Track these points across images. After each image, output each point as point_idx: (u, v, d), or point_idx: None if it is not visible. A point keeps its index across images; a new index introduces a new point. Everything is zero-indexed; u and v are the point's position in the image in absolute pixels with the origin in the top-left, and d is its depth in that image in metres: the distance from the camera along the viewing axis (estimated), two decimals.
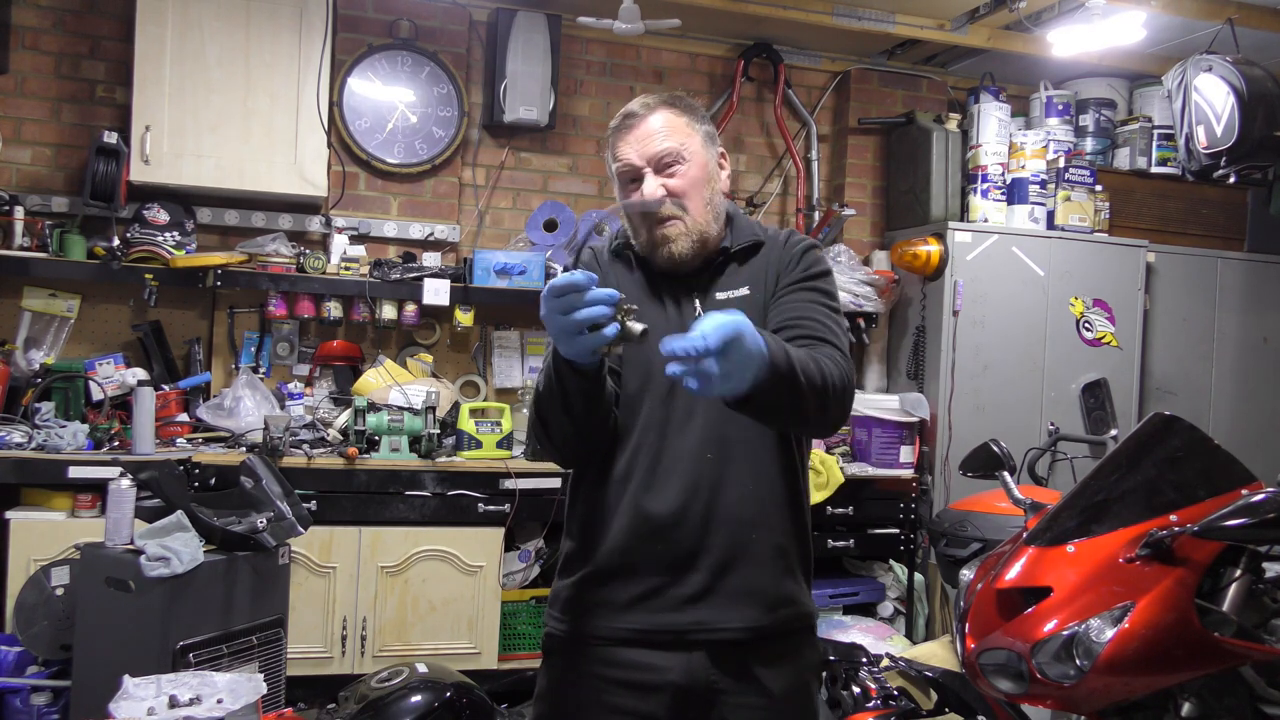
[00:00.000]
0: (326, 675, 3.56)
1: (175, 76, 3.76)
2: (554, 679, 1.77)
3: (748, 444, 1.71)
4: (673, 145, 1.72)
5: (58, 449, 3.42)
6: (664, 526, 1.69)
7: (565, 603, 1.77)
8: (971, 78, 4.89)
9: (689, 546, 1.69)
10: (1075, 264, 4.55)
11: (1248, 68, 4.05)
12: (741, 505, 1.70)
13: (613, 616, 1.71)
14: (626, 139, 1.74)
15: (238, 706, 2.25)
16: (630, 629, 1.70)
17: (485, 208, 4.45)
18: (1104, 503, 2.12)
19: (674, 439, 1.71)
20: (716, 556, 1.69)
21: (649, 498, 1.70)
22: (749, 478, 1.71)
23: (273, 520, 3.00)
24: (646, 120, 1.74)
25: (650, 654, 1.69)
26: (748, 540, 1.70)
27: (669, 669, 1.68)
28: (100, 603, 2.81)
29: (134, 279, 3.77)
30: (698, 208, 1.73)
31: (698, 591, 1.69)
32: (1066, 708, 2.09)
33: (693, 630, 1.69)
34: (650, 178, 1.72)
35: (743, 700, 1.69)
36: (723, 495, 1.69)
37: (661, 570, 1.69)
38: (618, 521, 1.71)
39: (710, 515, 1.69)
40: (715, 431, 1.70)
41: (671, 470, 1.70)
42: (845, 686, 2.89)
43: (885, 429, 4.29)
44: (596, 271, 1.77)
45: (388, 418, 3.74)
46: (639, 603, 1.70)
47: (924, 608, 4.32)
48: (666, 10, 4.04)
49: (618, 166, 1.76)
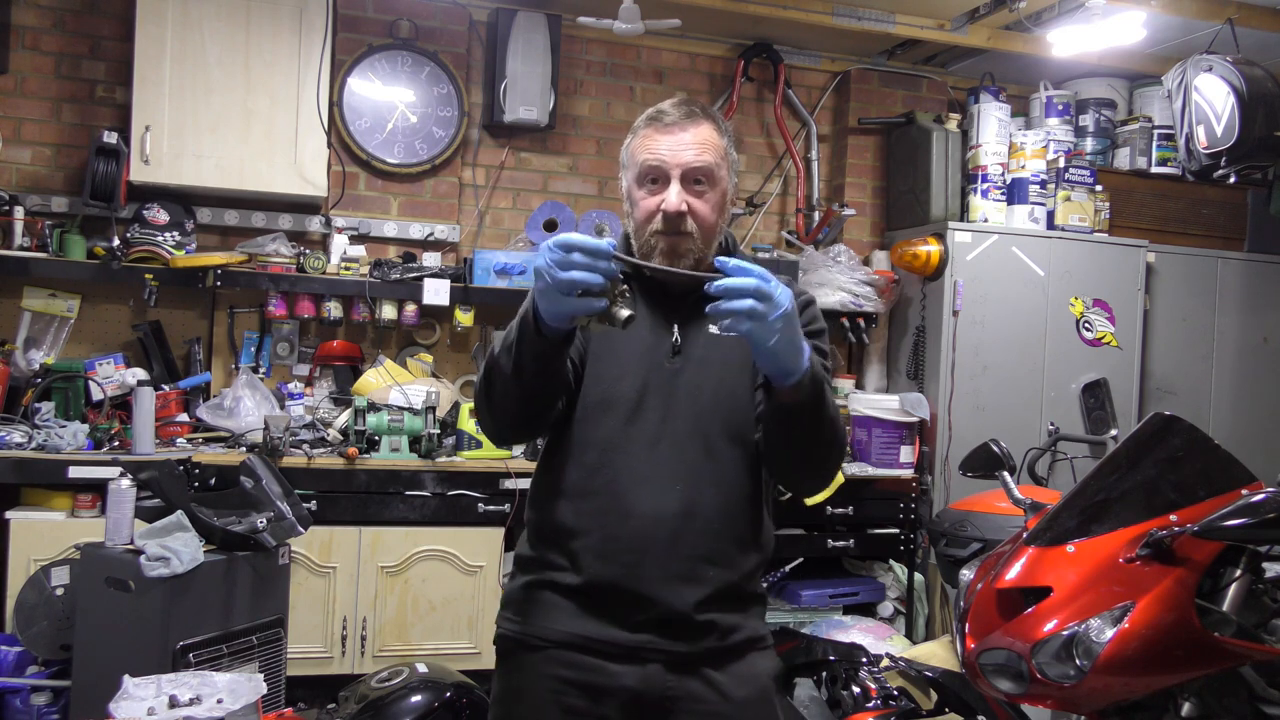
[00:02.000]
0: (326, 675, 3.56)
1: (175, 76, 3.76)
2: (508, 682, 1.75)
3: (720, 479, 1.69)
4: (708, 162, 1.68)
5: (58, 449, 3.42)
6: (623, 552, 1.65)
7: (518, 605, 1.74)
8: (971, 78, 4.89)
9: (647, 575, 1.65)
10: (1075, 264, 4.55)
11: (1248, 68, 4.05)
12: (707, 542, 1.67)
13: (565, 621, 1.69)
14: (663, 138, 1.69)
15: (238, 706, 2.25)
16: (582, 635, 1.67)
17: (485, 208, 4.46)
18: (1104, 503, 2.12)
19: (639, 463, 1.67)
20: (675, 589, 1.65)
21: (609, 522, 1.66)
22: (717, 516, 1.68)
23: (273, 520, 3.00)
24: (690, 128, 1.69)
25: (602, 662, 1.67)
26: (706, 577, 1.67)
27: (623, 674, 1.66)
28: (100, 603, 2.81)
29: (134, 279, 3.77)
30: (708, 234, 1.70)
31: (651, 617, 1.66)
32: (1066, 708, 2.09)
33: (644, 647, 1.67)
34: (677, 186, 1.67)
35: (701, 707, 1.67)
36: (688, 529, 1.66)
37: (615, 593, 1.66)
38: (576, 539, 1.68)
39: (673, 549, 1.66)
40: (686, 461, 1.67)
41: (636, 497, 1.66)
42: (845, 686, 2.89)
43: (885, 429, 4.29)
44: None
45: (388, 418, 3.74)
46: (590, 614, 1.68)
47: (924, 608, 4.32)
48: (666, 10, 4.04)
49: (646, 160, 1.69)
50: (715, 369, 1.70)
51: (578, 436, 1.70)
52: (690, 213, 1.67)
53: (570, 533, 1.68)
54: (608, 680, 1.66)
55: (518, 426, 1.71)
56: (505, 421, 1.69)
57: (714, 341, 1.71)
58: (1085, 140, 4.88)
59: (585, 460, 1.69)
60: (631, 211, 1.74)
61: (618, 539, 1.66)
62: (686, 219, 1.67)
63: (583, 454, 1.69)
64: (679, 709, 1.66)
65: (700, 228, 1.68)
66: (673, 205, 1.66)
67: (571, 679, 1.67)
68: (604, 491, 1.66)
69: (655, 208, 1.68)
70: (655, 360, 1.70)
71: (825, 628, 3.86)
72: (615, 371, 1.70)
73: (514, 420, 1.68)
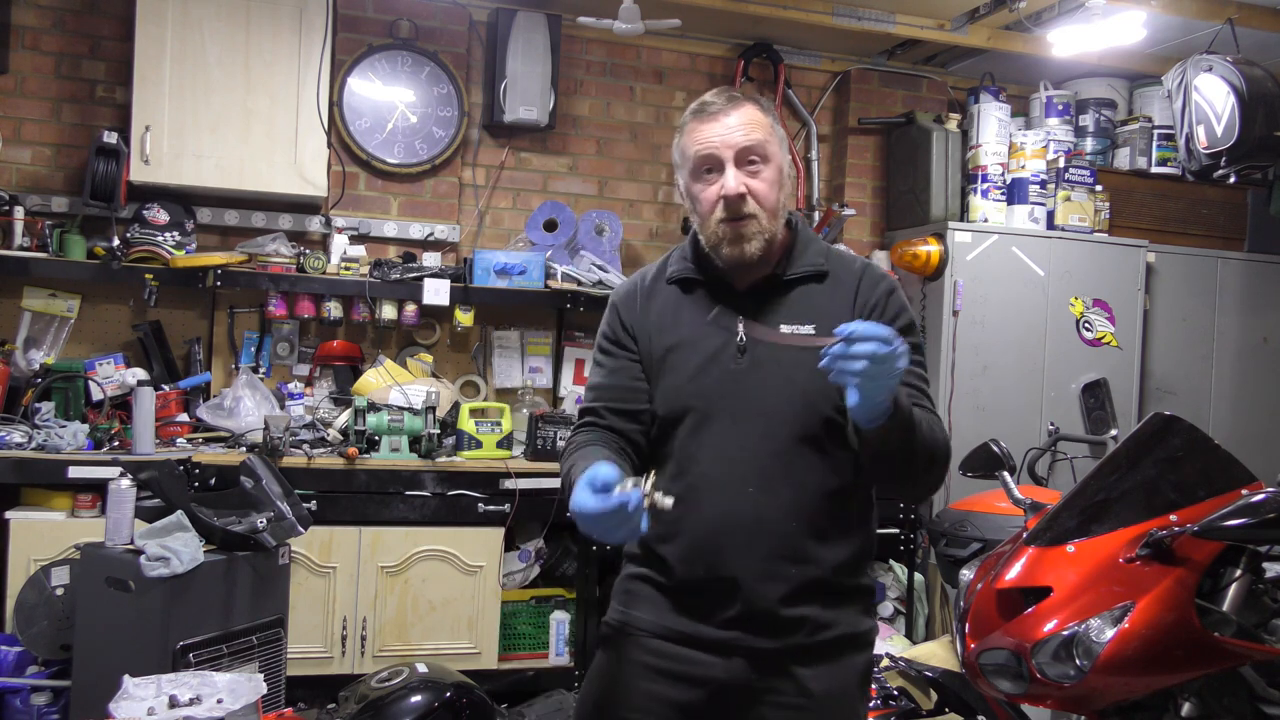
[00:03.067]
0: (326, 675, 3.55)
1: (175, 76, 3.76)
2: (603, 662, 1.82)
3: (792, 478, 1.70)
4: (759, 139, 1.70)
5: (58, 449, 3.42)
6: (704, 558, 1.70)
7: (622, 596, 1.82)
8: (971, 78, 4.89)
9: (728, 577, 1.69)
10: (1075, 264, 4.55)
11: (1248, 68, 4.05)
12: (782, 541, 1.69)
13: (659, 614, 1.75)
14: (710, 126, 1.71)
15: (238, 706, 2.25)
16: (673, 629, 1.74)
17: (485, 208, 4.45)
18: (1104, 503, 2.12)
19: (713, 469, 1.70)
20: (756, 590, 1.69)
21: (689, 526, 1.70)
22: (790, 514, 1.69)
23: (273, 520, 3.00)
24: (733, 112, 1.71)
25: (692, 652, 1.72)
26: (787, 575, 1.69)
27: (711, 665, 1.71)
28: (100, 603, 2.81)
29: (134, 279, 3.77)
30: (770, 211, 1.71)
31: (737, 615, 1.70)
32: (1066, 708, 2.09)
33: (731, 643, 1.71)
34: (732, 170, 1.68)
35: (784, 700, 1.71)
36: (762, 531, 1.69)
37: (703, 591, 1.72)
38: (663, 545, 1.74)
39: (750, 551, 1.69)
40: (757, 464, 1.69)
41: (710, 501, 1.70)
42: None
43: None
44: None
45: (388, 418, 3.74)
46: (682, 611, 1.73)
47: (924, 608, 4.32)
48: (666, 10, 4.04)
49: (697, 151, 1.71)
50: (783, 368, 1.71)
51: (659, 449, 1.76)
52: (750, 193, 1.69)
53: (658, 538, 1.73)
54: (696, 670, 1.71)
55: None
56: None
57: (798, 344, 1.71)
58: (1085, 140, 4.88)
59: (668, 471, 1.73)
60: (695, 208, 1.75)
61: (698, 545, 1.71)
62: (747, 200, 1.69)
63: (666, 464, 1.74)
64: (761, 700, 1.71)
65: (762, 207, 1.70)
66: (732, 189, 1.68)
67: (661, 667, 1.73)
68: (683, 499, 1.66)
69: (716, 196, 1.70)
70: (722, 363, 1.73)
71: None
72: (684, 380, 1.74)
73: None
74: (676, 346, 1.75)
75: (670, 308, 1.79)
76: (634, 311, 1.82)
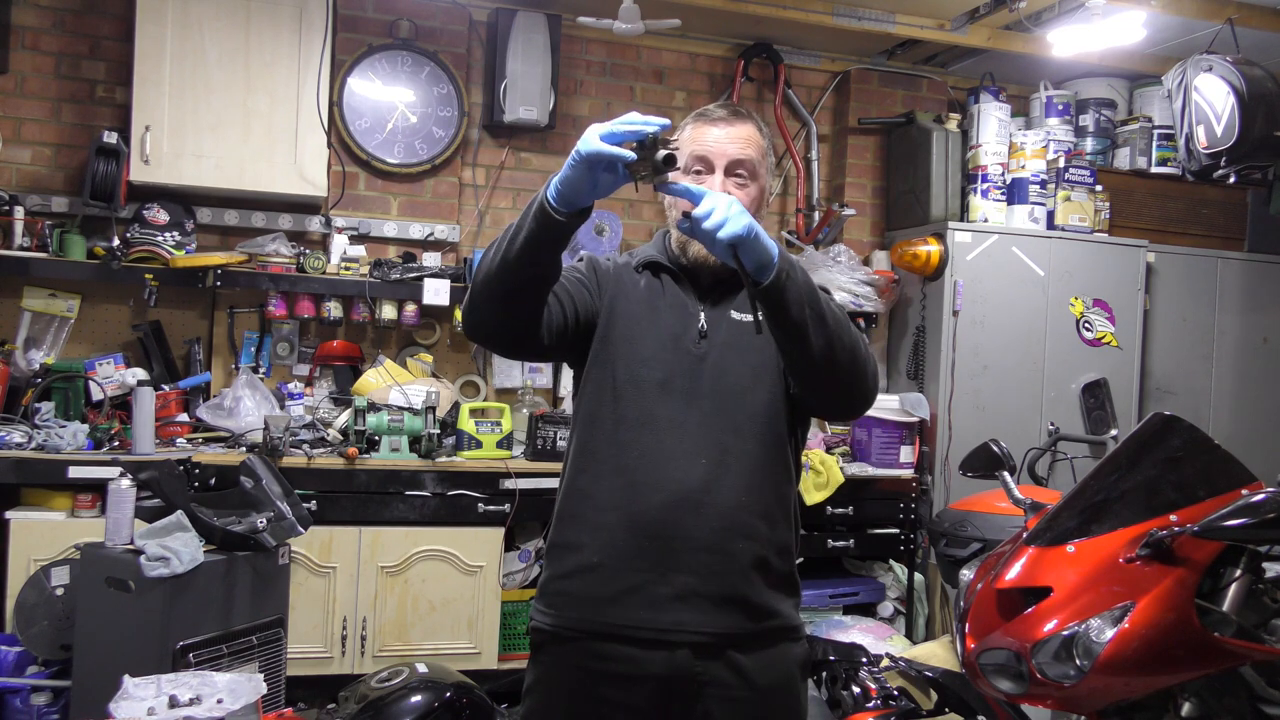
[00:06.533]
0: (326, 675, 3.56)
1: (175, 76, 3.76)
2: (541, 672, 1.82)
3: (745, 454, 1.76)
4: (751, 156, 1.80)
5: (58, 449, 3.42)
6: (652, 524, 1.72)
7: (551, 596, 1.81)
8: (971, 78, 4.89)
9: (675, 547, 1.72)
10: (1075, 264, 4.55)
11: (1248, 68, 4.05)
12: (732, 514, 1.73)
13: (595, 611, 1.75)
14: (714, 131, 1.80)
15: (238, 706, 2.25)
16: (611, 624, 1.73)
17: (485, 208, 4.46)
18: (1104, 503, 2.12)
19: (668, 439, 1.74)
20: (702, 560, 1.72)
21: (638, 496, 1.73)
22: (742, 488, 1.75)
23: (273, 520, 3.00)
24: (736, 124, 1.81)
25: (631, 649, 1.72)
26: (734, 549, 1.73)
27: (651, 662, 1.72)
28: (100, 603, 2.81)
29: (134, 279, 3.77)
30: None
31: (680, 592, 1.72)
32: (1066, 708, 2.09)
33: (673, 630, 1.72)
34: (720, 175, 1.78)
35: (728, 693, 1.73)
36: (713, 501, 1.72)
37: (645, 568, 1.73)
38: (605, 516, 1.75)
39: (698, 520, 1.72)
40: (712, 437, 1.75)
41: (663, 471, 1.73)
42: (845, 686, 2.89)
43: (885, 429, 4.29)
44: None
45: (388, 418, 3.74)
46: (621, 598, 1.73)
47: (924, 608, 4.32)
48: (666, 10, 4.04)
49: (693, 150, 1.79)
50: (740, 353, 1.79)
51: (608, 414, 1.78)
52: None
53: (600, 507, 1.75)
54: (637, 669, 1.72)
55: (492, 324, 1.70)
56: (481, 312, 1.68)
57: (739, 328, 1.80)
58: (1085, 140, 4.88)
59: (617, 438, 1.76)
60: (675, 202, 1.78)
61: (646, 512, 1.73)
62: None
63: (615, 430, 1.76)
64: (706, 695, 1.72)
65: None
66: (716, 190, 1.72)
67: (602, 670, 1.73)
68: (634, 467, 1.74)
69: None
70: (682, 344, 1.79)
71: (825, 628, 3.86)
72: (644, 353, 1.78)
73: (491, 314, 1.68)
74: (640, 318, 1.81)
75: (636, 287, 1.85)
76: (606, 272, 1.87)
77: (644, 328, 1.80)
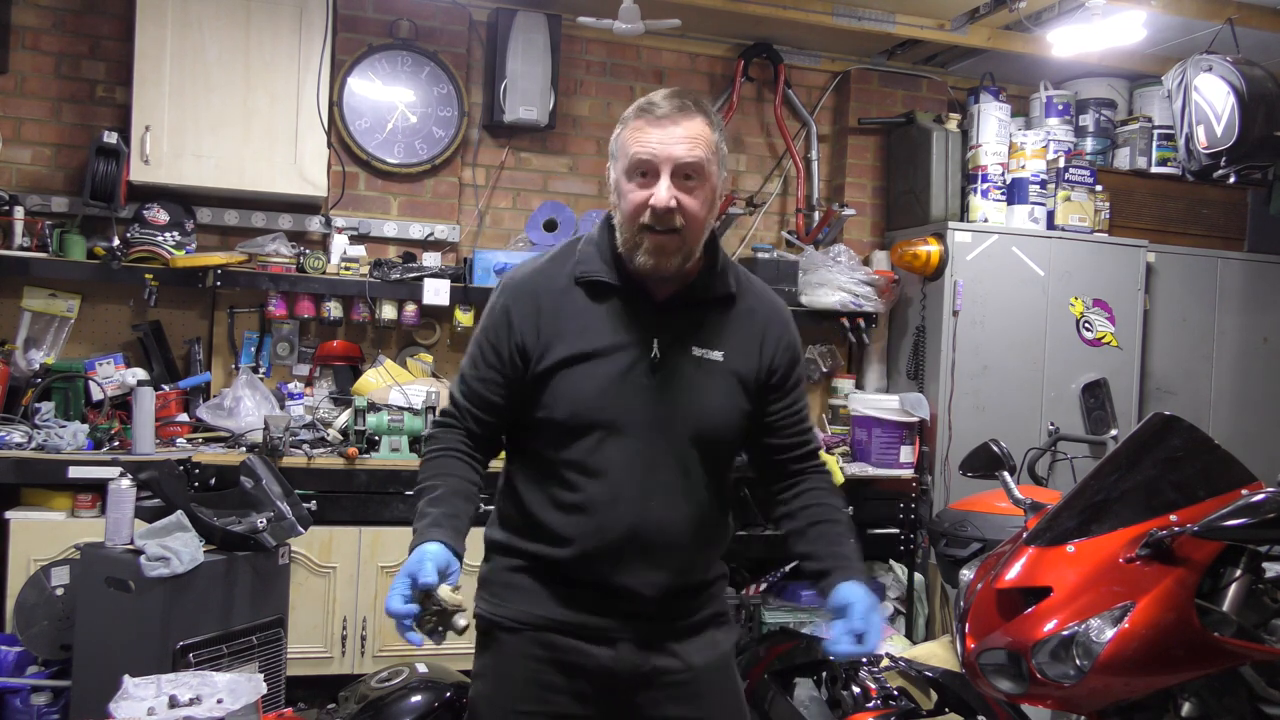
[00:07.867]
0: (326, 675, 3.56)
1: (175, 76, 3.76)
2: (488, 660, 1.83)
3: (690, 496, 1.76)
4: (700, 158, 1.67)
5: (58, 449, 3.42)
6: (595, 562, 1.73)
7: (494, 588, 1.83)
8: (971, 78, 4.89)
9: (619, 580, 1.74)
10: (1075, 264, 4.55)
11: (1248, 68, 4.05)
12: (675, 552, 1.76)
13: (542, 606, 1.76)
14: (654, 131, 1.67)
15: (238, 706, 2.25)
16: (558, 620, 1.75)
17: (485, 208, 4.45)
18: (1104, 503, 2.12)
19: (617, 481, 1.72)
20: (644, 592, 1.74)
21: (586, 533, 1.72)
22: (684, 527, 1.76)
23: (273, 520, 3.00)
24: (682, 122, 1.67)
25: (579, 643, 1.75)
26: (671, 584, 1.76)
27: (599, 655, 1.75)
28: (100, 603, 2.81)
29: (134, 279, 3.77)
30: (696, 231, 1.70)
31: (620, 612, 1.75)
32: (1066, 708, 2.09)
33: (616, 630, 1.75)
34: (666, 181, 1.66)
35: (671, 678, 1.77)
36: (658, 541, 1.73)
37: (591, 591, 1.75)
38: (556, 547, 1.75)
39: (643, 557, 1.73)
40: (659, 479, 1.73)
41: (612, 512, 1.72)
42: (845, 686, 2.88)
43: (885, 429, 4.29)
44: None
45: (388, 418, 3.74)
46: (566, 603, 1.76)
47: (924, 608, 4.32)
48: (666, 10, 4.04)
49: (636, 154, 1.67)
50: (691, 388, 1.74)
51: (555, 455, 1.74)
52: (679, 208, 1.67)
53: (550, 540, 1.75)
54: (583, 659, 1.75)
55: None
56: None
57: (693, 359, 1.75)
58: (1085, 140, 4.88)
59: (564, 477, 1.73)
60: (619, 203, 1.74)
61: (596, 554, 1.72)
62: (676, 215, 1.67)
63: (563, 470, 1.73)
64: (651, 683, 1.76)
65: (689, 224, 1.69)
66: (662, 201, 1.66)
67: (548, 658, 1.75)
68: (584, 507, 1.72)
69: (644, 202, 1.67)
70: (633, 379, 1.71)
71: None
72: (593, 394, 1.70)
73: None
74: (585, 356, 1.71)
75: (578, 314, 1.73)
76: (528, 318, 1.74)
77: (592, 365, 1.70)
